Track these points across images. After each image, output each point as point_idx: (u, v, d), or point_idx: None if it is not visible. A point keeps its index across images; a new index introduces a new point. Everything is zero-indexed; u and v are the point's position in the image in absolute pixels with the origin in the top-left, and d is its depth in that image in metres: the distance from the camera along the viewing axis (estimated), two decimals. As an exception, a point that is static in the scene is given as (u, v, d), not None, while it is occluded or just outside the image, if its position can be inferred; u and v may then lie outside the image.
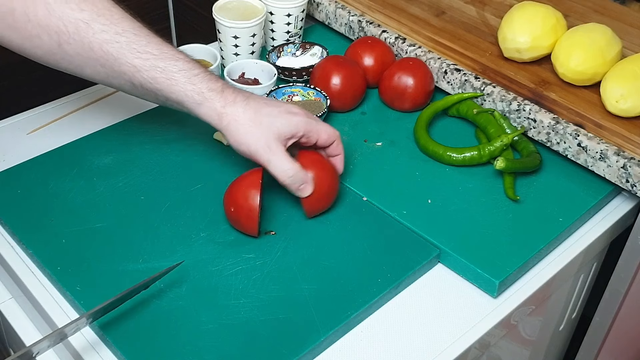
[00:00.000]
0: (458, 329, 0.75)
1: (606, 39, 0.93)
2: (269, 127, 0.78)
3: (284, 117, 0.79)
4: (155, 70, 0.78)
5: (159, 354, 0.69)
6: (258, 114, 0.78)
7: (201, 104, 0.78)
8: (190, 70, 0.78)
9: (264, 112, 0.78)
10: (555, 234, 0.84)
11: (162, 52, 0.78)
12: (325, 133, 0.81)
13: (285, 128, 0.78)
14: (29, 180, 0.87)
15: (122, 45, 0.77)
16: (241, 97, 0.79)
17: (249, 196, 0.78)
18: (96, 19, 0.77)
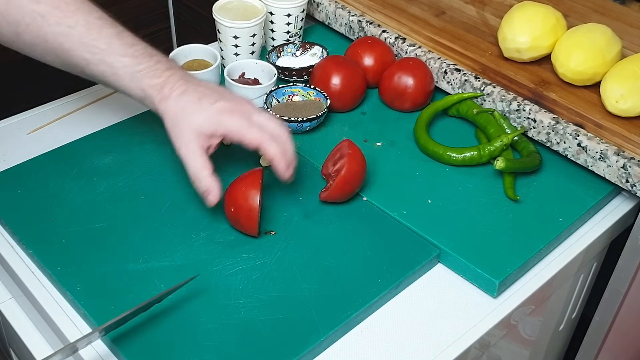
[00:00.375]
0: (458, 329, 0.75)
1: (606, 39, 0.93)
2: (190, 124, 0.77)
3: (206, 113, 0.77)
4: (103, 65, 0.79)
5: (159, 353, 0.69)
6: (183, 110, 0.77)
7: (143, 99, 0.80)
8: (135, 65, 0.78)
9: (188, 110, 0.77)
10: (555, 234, 0.84)
11: (111, 46, 0.79)
12: (249, 137, 0.78)
13: (204, 125, 0.77)
14: (29, 180, 0.87)
15: (73, 39, 0.78)
16: (177, 92, 0.78)
17: (249, 196, 0.78)
18: (51, 12, 0.78)
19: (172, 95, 0.78)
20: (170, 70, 0.80)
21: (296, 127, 0.95)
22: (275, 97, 0.99)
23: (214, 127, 0.77)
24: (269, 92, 0.98)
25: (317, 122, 0.96)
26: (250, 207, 0.78)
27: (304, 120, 0.94)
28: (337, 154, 0.87)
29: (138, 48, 0.80)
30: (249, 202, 0.78)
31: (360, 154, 0.85)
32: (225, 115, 0.78)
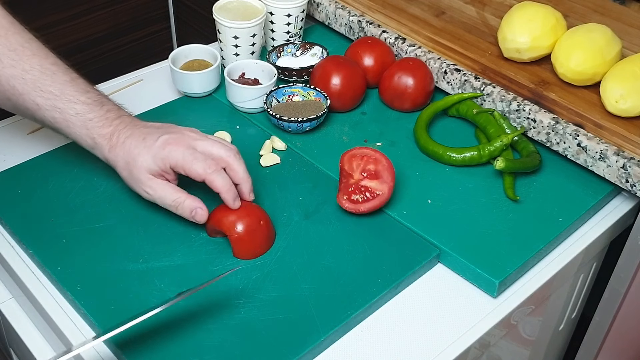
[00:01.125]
0: (458, 329, 0.75)
1: (606, 39, 0.93)
2: (139, 167, 0.77)
3: (151, 152, 0.77)
4: (54, 111, 0.79)
5: (159, 353, 0.69)
6: (130, 154, 0.78)
7: (93, 148, 0.80)
8: (86, 114, 0.79)
9: (134, 153, 0.78)
10: (555, 234, 0.84)
11: (64, 93, 0.79)
12: (193, 171, 0.77)
13: (152, 165, 0.77)
14: (29, 180, 0.87)
15: (27, 82, 0.79)
16: (123, 137, 0.79)
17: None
18: (6, 54, 0.79)
19: (118, 143, 0.79)
20: (119, 119, 0.80)
21: (296, 127, 0.95)
22: (275, 97, 0.99)
23: (161, 164, 0.77)
24: (269, 92, 0.98)
25: (317, 122, 0.96)
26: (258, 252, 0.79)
27: (304, 120, 0.94)
28: (369, 162, 0.84)
29: (90, 95, 0.80)
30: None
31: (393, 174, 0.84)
32: (169, 147, 0.77)
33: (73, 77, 0.81)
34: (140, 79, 1.08)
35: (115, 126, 0.80)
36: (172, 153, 0.77)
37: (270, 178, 0.90)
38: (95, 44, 1.64)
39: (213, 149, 0.79)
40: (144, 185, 0.78)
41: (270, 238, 0.80)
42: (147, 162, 0.77)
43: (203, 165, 0.77)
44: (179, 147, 0.77)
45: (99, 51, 1.66)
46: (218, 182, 0.77)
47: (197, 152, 0.78)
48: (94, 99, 0.80)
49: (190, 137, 0.79)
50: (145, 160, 0.77)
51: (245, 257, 0.78)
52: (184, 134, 0.79)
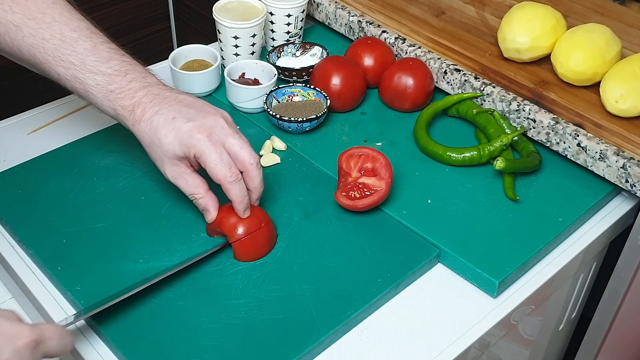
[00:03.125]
0: (458, 329, 0.75)
1: (606, 39, 0.93)
2: (164, 150, 0.75)
3: (178, 136, 0.74)
4: (75, 82, 0.77)
5: (159, 354, 0.69)
6: (157, 134, 0.75)
7: (116, 118, 0.78)
8: (107, 85, 0.76)
9: (161, 134, 0.74)
10: (554, 234, 0.84)
11: (84, 63, 0.77)
12: (214, 171, 0.75)
13: (177, 149, 0.74)
14: (29, 180, 0.87)
15: (47, 52, 0.77)
16: (149, 113, 0.75)
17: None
18: (26, 22, 0.77)
19: (144, 118, 0.75)
20: (144, 90, 0.77)
21: (296, 127, 0.95)
22: (275, 97, 0.99)
23: (187, 150, 0.74)
24: (269, 93, 0.98)
25: (317, 122, 0.96)
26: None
27: (304, 120, 0.94)
28: (366, 160, 0.84)
29: (113, 64, 0.77)
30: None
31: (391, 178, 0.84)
32: (198, 137, 0.74)
33: (96, 42, 0.78)
34: (140, 79, 1.07)
35: (138, 98, 0.76)
36: (199, 144, 0.74)
37: (270, 178, 0.90)
38: (95, 44, 1.64)
39: (240, 152, 0.76)
40: (167, 168, 0.76)
41: (271, 240, 0.80)
42: (172, 146, 0.74)
43: (225, 172, 0.74)
44: (208, 140, 0.74)
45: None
46: (234, 192, 0.76)
47: (224, 153, 0.75)
48: (115, 68, 0.77)
49: (221, 130, 0.75)
50: (171, 144, 0.74)
51: (246, 260, 0.78)
52: (217, 123, 0.75)
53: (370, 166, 0.84)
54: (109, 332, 0.70)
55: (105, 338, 0.71)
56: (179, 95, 0.78)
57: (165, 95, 0.77)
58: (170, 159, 0.75)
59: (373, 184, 0.83)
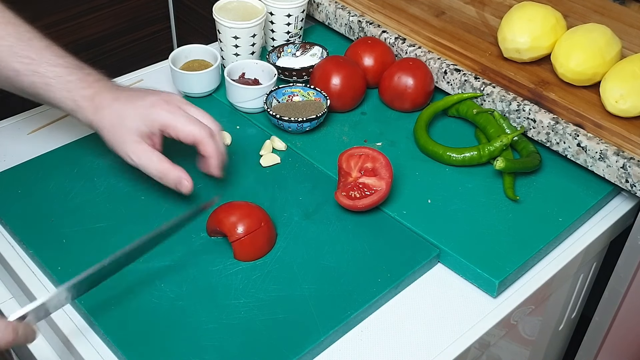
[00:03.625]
0: (458, 329, 0.75)
1: (606, 39, 0.93)
2: (127, 128, 0.77)
3: (139, 112, 0.77)
4: (34, 76, 0.78)
5: (159, 354, 0.69)
6: (118, 116, 0.77)
7: (75, 111, 0.79)
8: (67, 76, 0.78)
9: (122, 114, 0.77)
10: (555, 234, 0.84)
11: (42, 56, 0.78)
12: (184, 132, 0.78)
13: (140, 125, 0.77)
14: (29, 180, 0.87)
15: (3, 49, 0.78)
16: (108, 100, 0.78)
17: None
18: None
19: (104, 105, 0.77)
20: (100, 82, 0.80)
21: (296, 127, 0.95)
22: (275, 98, 0.99)
23: (150, 124, 0.76)
24: (269, 93, 0.98)
25: (317, 122, 0.96)
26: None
27: (304, 120, 0.94)
28: (367, 160, 0.84)
29: (68, 60, 0.80)
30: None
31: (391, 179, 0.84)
32: (159, 108, 0.77)
33: (48, 43, 0.80)
34: (140, 79, 1.08)
35: (97, 88, 0.78)
36: (163, 115, 0.77)
37: (270, 178, 0.90)
38: (95, 44, 1.64)
39: (204, 117, 0.80)
40: (129, 149, 0.77)
41: (271, 239, 0.80)
42: (135, 122, 0.76)
43: (198, 128, 0.77)
44: (169, 107, 0.77)
45: (99, 51, 1.66)
46: (212, 147, 0.78)
47: (189, 116, 0.78)
48: (72, 63, 0.80)
49: (179, 101, 0.79)
50: (134, 121, 0.76)
51: (246, 260, 0.78)
52: (170, 96, 0.80)
53: (370, 166, 0.84)
54: (109, 332, 0.70)
55: (105, 338, 0.71)
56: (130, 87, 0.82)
57: (118, 86, 0.81)
58: (134, 137, 0.76)
59: (373, 184, 0.83)
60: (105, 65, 0.85)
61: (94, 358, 0.70)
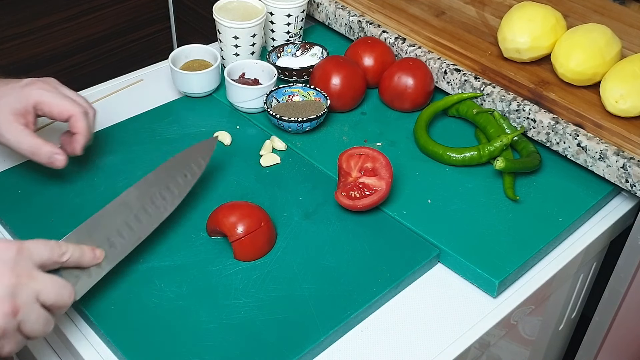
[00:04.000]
0: (458, 329, 0.75)
1: (606, 39, 0.93)
2: (2, 108, 0.78)
3: (14, 91, 0.79)
4: None
5: (159, 353, 0.69)
6: None
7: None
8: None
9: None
10: (555, 233, 0.84)
11: None
12: (58, 107, 0.80)
13: (15, 103, 0.78)
14: (29, 180, 0.87)
15: None
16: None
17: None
18: None
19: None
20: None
21: (296, 127, 0.95)
22: (275, 97, 0.99)
23: (24, 101, 0.78)
24: (269, 92, 0.98)
25: (317, 122, 0.96)
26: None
27: (304, 120, 0.94)
28: (367, 160, 0.84)
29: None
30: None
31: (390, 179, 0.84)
32: (33, 87, 0.79)
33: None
34: (141, 79, 1.08)
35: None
36: (37, 91, 0.79)
37: (270, 178, 0.90)
38: (95, 44, 1.64)
39: (78, 97, 0.83)
40: (6, 129, 0.78)
41: (271, 239, 0.80)
42: (9, 102, 0.78)
43: (72, 104, 0.80)
44: (43, 86, 0.79)
45: (99, 51, 1.66)
46: (82, 124, 0.81)
47: (64, 94, 0.80)
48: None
49: (55, 82, 0.82)
50: (8, 101, 0.78)
51: (246, 260, 0.78)
52: (48, 79, 0.82)
53: (370, 166, 0.84)
54: (109, 332, 0.70)
55: (106, 338, 0.71)
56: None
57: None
58: (7, 117, 0.78)
59: (373, 183, 0.83)
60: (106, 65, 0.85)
61: (94, 358, 0.70)
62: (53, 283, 0.63)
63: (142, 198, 0.77)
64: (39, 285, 0.62)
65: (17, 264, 0.61)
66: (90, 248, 0.70)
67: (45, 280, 0.63)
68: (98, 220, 0.74)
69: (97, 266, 0.71)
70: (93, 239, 0.72)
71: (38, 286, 0.62)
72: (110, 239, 0.73)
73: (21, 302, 0.60)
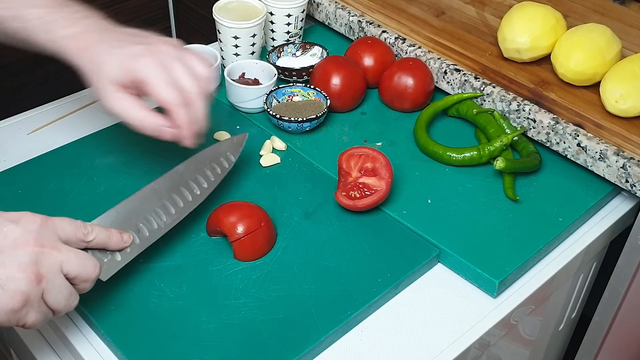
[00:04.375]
0: (458, 329, 0.75)
1: (606, 39, 0.93)
2: (106, 76, 0.72)
3: (120, 61, 0.71)
4: (15, 20, 0.74)
5: (159, 353, 0.69)
6: (99, 60, 0.72)
7: (58, 53, 0.74)
8: (47, 16, 0.72)
9: (102, 60, 0.72)
10: (555, 233, 0.84)
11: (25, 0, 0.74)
12: (158, 96, 0.72)
13: (119, 75, 0.71)
14: (29, 180, 0.87)
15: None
16: (94, 41, 0.72)
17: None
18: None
19: (89, 46, 0.72)
20: (88, 19, 0.73)
21: (296, 127, 0.95)
22: (275, 97, 0.99)
23: (129, 75, 0.71)
24: (269, 92, 0.98)
25: (317, 122, 0.96)
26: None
27: (304, 120, 0.94)
28: (367, 160, 0.84)
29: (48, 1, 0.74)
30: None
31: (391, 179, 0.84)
32: (141, 60, 0.71)
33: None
34: (140, 79, 1.07)
35: (84, 26, 0.73)
36: (141, 67, 0.71)
37: (270, 178, 0.90)
38: (95, 44, 1.64)
39: (187, 82, 0.73)
40: (104, 96, 0.73)
41: (271, 239, 0.80)
42: (113, 70, 0.71)
43: (173, 93, 0.72)
44: (152, 62, 0.71)
45: None
46: (182, 117, 0.73)
47: (169, 76, 0.72)
48: (57, 2, 0.74)
49: (166, 55, 0.72)
50: (112, 68, 0.71)
51: (246, 260, 0.78)
52: (159, 48, 0.73)
53: (370, 166, 0.84)
54: (109, 332, 0.70)
55: (105, 338, 0.71)
56: (125, 28, 0.75)
57: (109, 27, 0.74)
58: (110, 85, 0.72)
59: (373, 183, 0.83)
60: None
61: (94, 358, 0.70)
62: (77, 254, 0.64)
63: (171, 188, 0.77)
64: (62, 255, 0.63)
65: (40, 235, 0.62)
66: (118, 231, 0.70)
67: (69, 251, 0.63)
68: (127, 206, 0.73)
69: (124, 250, 0.71)
70: (121, 224, 0.71)
71: (62, 257, 0.62)
72: (138, 225, 0.73)
73: (44, 270, 0.61)
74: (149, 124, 0.74)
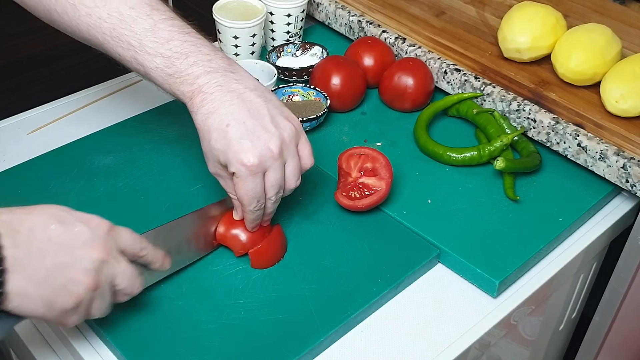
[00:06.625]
0: (458, 329, 0.75)
1: (606, 39, 0.93)
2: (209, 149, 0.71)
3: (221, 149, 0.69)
4: (135, 63, 0.73)
5: (159, 353, 0.69)
6: (208, 133, 0.70)
7: (178, 101, 0.74)
8: (166, 69, 0.71)
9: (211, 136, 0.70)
10: (555, 234, 0.84)
11: (142, 45, 0.72)
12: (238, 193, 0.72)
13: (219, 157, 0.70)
14: (29, 180, 0.87)
15: (105, 32, 0.73)
16: (206, 109, 0.70)
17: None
18: (82, 1, 0.74)
19: (200, 112, 0.70)
20: (206, 77, 0.70)
21: (296, 127, 0.95)
22: (275, 97, 0.99)
23: (227, 164, 0.70)
24: (269, 92, 0.98)
25: (317, 122, 0.96)
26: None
27: (304, 120, 0.94)
28: (366, 160, 0.84)
29: (173, 45, 0.72)
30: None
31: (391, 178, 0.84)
32: (241, 160, 0.69)
33: (156, 21, 0.73)
34: (141, 79, 1.07)
35: (198, 86, 0.70)
36: (239, 170, 0.69)
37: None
38: (95, 44, 1.64)
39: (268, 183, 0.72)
40: (210, 165, 0.73)
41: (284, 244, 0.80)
42: (218, 153, 0.70)
43: (249, 202, 0.71)
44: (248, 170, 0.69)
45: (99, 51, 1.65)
46: (250, 217, 0.74)
47: (259, 184, 0.71)
48: (175, 50, 0.71)
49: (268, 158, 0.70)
50: (217, 151, 0.69)
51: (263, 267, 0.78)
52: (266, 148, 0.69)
53: (370, 166, 0.84)
54: (109, 332, 0.70)
55: (105, 338, 0.71)
56: (246, 91, 0.71)
57: (230, 87, 0.71)
58: (215, 161, 0.72)
59: (373, 184, 0.83)
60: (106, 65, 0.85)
61: (94, 358, 0.70)
62: (131, 271, 0.65)
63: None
64: (120, 268, 0.64)
65: (107, 243, 0.63)
66: (164, 254, 0.70)
67: (126, 266, 0.65)
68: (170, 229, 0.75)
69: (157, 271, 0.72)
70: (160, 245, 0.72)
71: (119, 269, 0.64)
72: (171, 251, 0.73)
73: (102, 279, 0.62)
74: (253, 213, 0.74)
